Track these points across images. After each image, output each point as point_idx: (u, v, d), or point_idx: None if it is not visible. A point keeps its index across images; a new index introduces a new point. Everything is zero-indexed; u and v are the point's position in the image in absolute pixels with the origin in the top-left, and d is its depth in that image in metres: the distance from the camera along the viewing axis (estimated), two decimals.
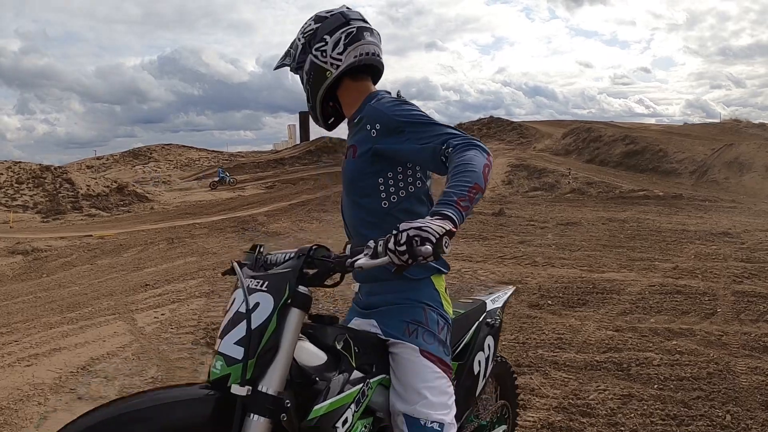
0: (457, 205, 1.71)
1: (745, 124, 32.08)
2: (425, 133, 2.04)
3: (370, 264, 1.66)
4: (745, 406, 4.15)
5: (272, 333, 1.73)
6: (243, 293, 1.77)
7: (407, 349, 2.12)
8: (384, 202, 2.22)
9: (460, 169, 1.82)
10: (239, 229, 14.71)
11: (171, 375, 5.01)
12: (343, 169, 2.31)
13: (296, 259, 1.90)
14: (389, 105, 2.18)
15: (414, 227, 1.57)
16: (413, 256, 1.55)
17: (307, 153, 46.32)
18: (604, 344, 5.42)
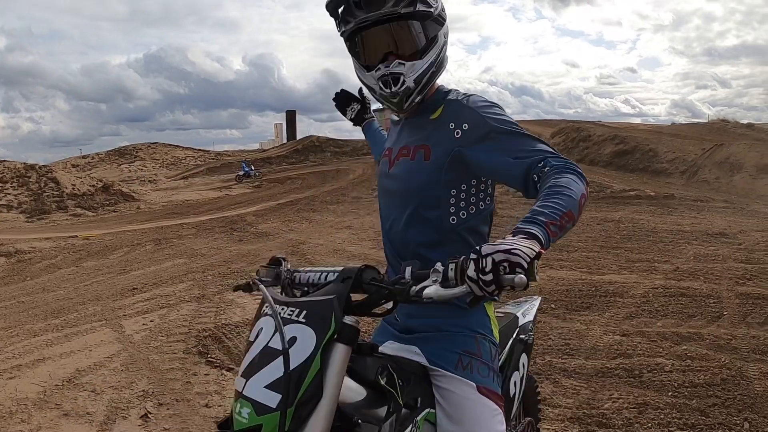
0: (546, 227, 1.45)
1: (734, 124, 32.23)
2: (520, 146, 1.77)
3: (443, 295, 1.39)
4: (761, 413, 4.05)
5: (315, 375, 1.44)
6: (276, 325, 1.49)
7: (462, 386, 1.87)
8: (452, 218, 1.93)
9: (556, 191, 1.56)
10: (228, 229, 14.46)
11: (162, 388, 4.78)
12: (390, 172, 2.03)
13: (340, 282, 1.60)
14: (482, 104, 1.89)
15: (500, 250, 1.31)
16: (500, 286, 1.29)
17: (294, 152, 46.14)
18: (614, 350, 5.26)
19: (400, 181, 1.97)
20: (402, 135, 2.05)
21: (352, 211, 17.24)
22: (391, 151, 2.07)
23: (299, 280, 1.83)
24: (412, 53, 1.85)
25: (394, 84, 1.84)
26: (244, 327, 6.24)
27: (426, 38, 1.86)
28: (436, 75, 1.92)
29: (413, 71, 1.84)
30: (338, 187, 25.45)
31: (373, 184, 24.90)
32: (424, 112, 1.98)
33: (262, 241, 12.44)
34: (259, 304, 1.67)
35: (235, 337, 5.94)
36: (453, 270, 1.38)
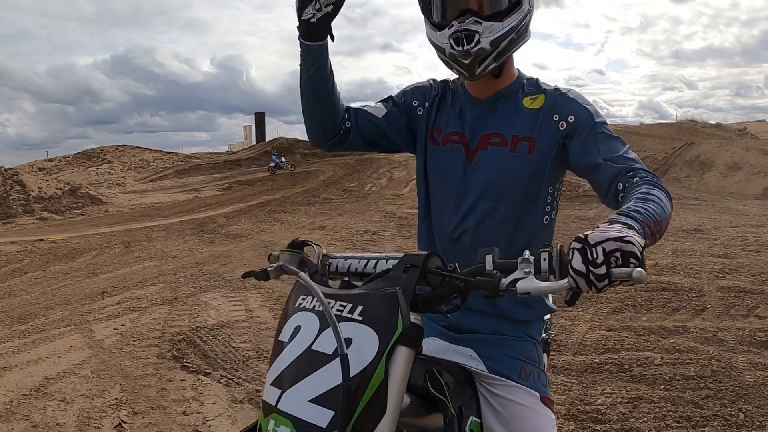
0: (643, 225, 1.28)
1: (702, 124, 32.84)
2: (615, 150, 1.66)
3: (541, 289, 1.18)
4: (754, 404, 4.05)
5: (378, 386, 1.19)
6: (332, 323, 1.20)
7: (526, 396, 1.72)
8: (546, 218, 1.82)
9: (649, 199, 1.41)
10: (198, 231, 14.18)
11: (136, 395, 4.56)
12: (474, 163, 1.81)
13: (401, 271, 1.33)
14: (586, 100, 1.77)
15: (612, 238, 1.12)
16: (611, 281, 1.10)
17: (263, 154, 45.71)
18: (601, 345, 5.19)
19: (496, 175, 1.77)
20: (480, 120, 1.83)
21: (323, 212, 17.06)
22: (465, 138, 1.83)
23: (336, 268, 1.60)
24: (492, 14, 1.66)
25: (468, 42, 1.64)
26: (219, 330, 6.04)
27: (509, 1, 1.67)
28: (516, 44, 1.72)
29: (490, 32, 1.64)
30: (309, 188, 25.22)
31: (344, 185, 24.79)
32: (510, 98, 1.81)
33: (233, 242, 12.19)
34: (290, 296, 1.42)
35: (211, 340, 5.74)
36: (547, 260, 1.20)
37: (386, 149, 2.05)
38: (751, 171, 19.95)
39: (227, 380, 4.78)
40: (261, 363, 5.12)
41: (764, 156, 20.72)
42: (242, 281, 8.22)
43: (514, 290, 1.20)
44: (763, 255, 8.78)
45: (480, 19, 1.64)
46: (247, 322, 6.34)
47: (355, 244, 11.20)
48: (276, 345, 1.34)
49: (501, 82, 1.81)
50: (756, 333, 5.38)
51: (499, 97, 1.82)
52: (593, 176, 1.68)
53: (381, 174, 26.84)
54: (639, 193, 1.45)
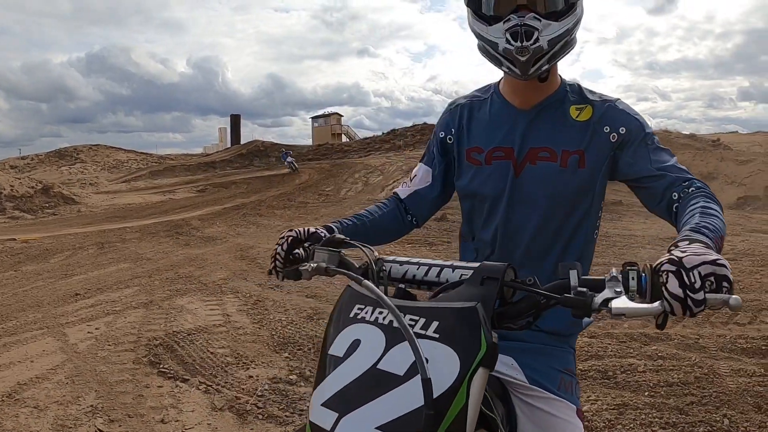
0: (715, 242, 1.26)
1: (676, 134, 33.21)
2: (666, 159, 1.65)
3: (635, 311, 1.09)
4: (738, 409, 4.09)
5: (458, 412, 1.08)
6: (411, 342, 1.08)
7: (565, 409, 1.67)
8: (596, 232, 1.79)
9: (712, 213, 1.39)
10: (173, 233, 14.04)
11: (112, 402, 4.44)
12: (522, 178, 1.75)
13: (478, 284, 1.22)
14: (634, 111, 1.73)
15: (706, 261, 1.06)
16: (707, 307, 1.04)
17: (238, 156, 45.67)
18: (584, 351, 5.17)
19: (546, 190, 1.72)
20: (527, 132, 1.76)
21: (299, 216, 16.98)
22: (512, 152, 1.76)
23: (389, 273, 1.47)
24: (549, 12, 1.59)
25: (527, 38, 1.56)
26: (197, 334, 5.94)
27: (566, 1, 1.61)
28: (568, 47, 1.66)
29: (549, 31, 1.58)
30: (284, 192, 25.15)
31: (320, 189, 24.72)
32: (556, 108, 1.76)
33: (209, 245, 12.07)
34: (340, 303, 1.31)
35: (188, 345, 5.63)
36: (635, 279, 1.13)
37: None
38: (725, 181, 20.24)
39: (206, 387, 4.68)
40: (240, 369, 5.03)
41: (738, 166, 21.03)
42: (218, 285, 8.14)
43: (608, 309, 1.13)
44: (739, 263, 8.88)
45: (539, 15, 1.58)
46: (225, 326, 6.25)
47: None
48: (326, 359, 1.23)
49: (545, 89, 1.76)
50: (736, 340, 5.43)
51: (543, 106, 1.76)
52: (645, 185, 1.66)
53: (357, 179, 26.85)
54: (701, 206, 1.43)
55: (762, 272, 8.28)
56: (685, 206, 1.47)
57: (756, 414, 4.02)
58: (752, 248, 10.14)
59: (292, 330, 6.04)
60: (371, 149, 42.06)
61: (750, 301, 6.69)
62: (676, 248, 1.14)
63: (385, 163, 30.53)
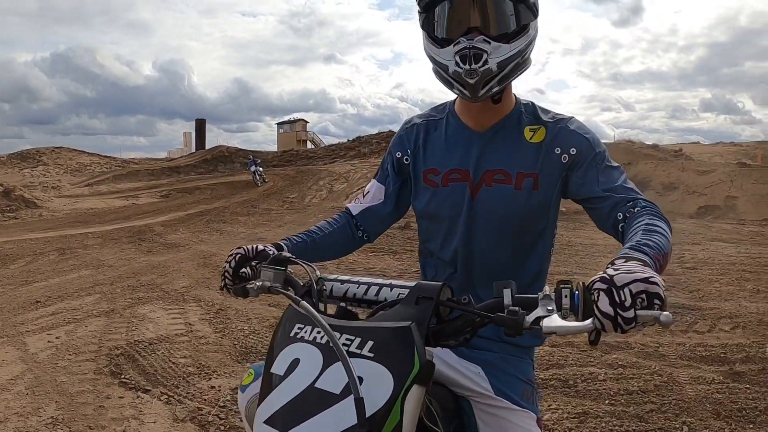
0: (655, 259, 1.27)
1: (639, 144, 33.78)
2: (614, 179, 1.67)
3: (567, 329, 1.11)
4: (697, 416, 4.16)
5: (392, 429, 1.11)
6: (344, 362, 1.12)
7: (526, 418, 1.70)
8: (551, 249, 1.82)
9: (655, 231, 1.41)
10: (135, 239, 13.87)
11: (73, 413, 4.35)
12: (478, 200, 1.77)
13: (413, 302, 1.25)
14: (586, 130, 1.76)
15: (637, 279, 1.08)
16: (638, 324, 1.06)
17: (203, 161, 45.24)
18: (545, 361, 5.22)
19: (502, 212, 1.75)
20: (482, 154, 1.78)
21: (263, 224, 16.91)
22: (468, 174, 1.78)
23: (331, 292, 1.49)
24: (500, 35, 1.61)
25: (476, 61, 1.57)
26: (158, 344, 5.87)
27: (517, 23, 1.62)
28: (520, 69, 1.67)
29: (498, 53, 1.59)
30: (248, 198, 25.01)
31: (284, 196, 24.61)
32: (510, 129, 1.78)
33: (171, 252, 11.95)
34: (282, 322, 1.33)
35: (150, 355, 5.56)
36: (568, 297, 1.15)
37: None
38: (687, 191, 20.63)
39: (168, 397, 4.63)
40: (202, 379, 4.98)
41: (699, 176, 21.44)
42: (181, 293, 8.06)
43: (538, 328, 1.15)
44: (699, 272, 9.06)
45: (488, 38, 1.59)
46: (187, 336, 6.18)
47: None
48: (268, 377, 1.25)
49: (500, 111, 1.77)
50: (695, 348, 5.54)
51: (498, 128, 1.78)
52: (592, 206, 1.70)
53: (321, 186, 26.80)
54: (644, 224, 1.45)
55: (721, 281, 8.47)
56: (630, 225, 1.50)
57: (715, 420, 4.10)
58: (712, 257, 10.36)
59: (255, 339, 6.00)
60: (336, 156, 42.01)
61: (709, 310, 6.85)
62: (611, 266, 1.16)
63: (350, 170, 30.50)
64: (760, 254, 10.71)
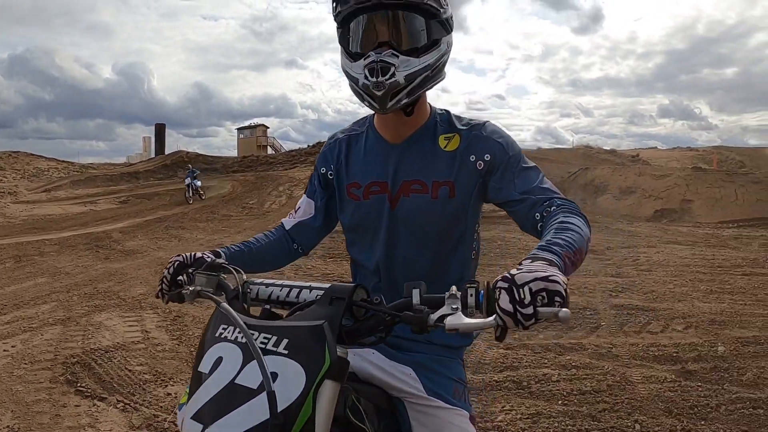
0: (563, 258, 1.32)
1: (597, 150, 34.40)
2: (530, 182, 1.72)
3: (469, 325, 1.18)
4: (649, 414, 4.26)
5: (305, 423, 1.17)
6: (257, 358, 1.19)
7: (458, 417, 1.75)
8: (473, 253, 1.86)
9: (568, 227, 1.47)
10: (93, 246, 13.67)
11: (29, 422, 4.31)
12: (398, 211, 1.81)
13: (327, 303, 1.33)
14: (500, 134, 1.80)
15: (537, 278, 1.14)
16: (539, 320, 1.12)
17: (162, 167, 44.72)
18: (500, 363, 5.30)
19: (420, 220, 1.80)
20: (399, 166, 1.83)
21: (222, 230, 16.81)
22: (386, 186, 1.84)
23: (257, 294, 1.55)
24: (409, 49, 1.66)
25: (383, 74, 1.62)
26: (115, 352, 5.81)
27: (428, 38, 1.68)
28: (430, 81, 1.72)
29: (406, 66, 1.64)
30: (208, 204, 24.81)
31: (244, 202, 24.46)
32: (425, 140, 1.82)
33: (129, 259, 11.82)
34: (209, 324, 1.39)
35: (106, 363, 5.51)
36: (474, 296, 1.21)
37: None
38: (643, 195, 21.01)
39: (124, 405, 4.59)
40: (158, 387, 4.96)
41: (656, 181, 21.84)
42: (138, 300, 7.99)
43: (442, 326, 1.20)
44: (654, 274, 9.26)
45: (397, 52, 1.64)
46: (144, 343, 6.13)
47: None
48: (195, 376, 1.30)
49: (414, 122, 1.82)
50: (648, 348, 5.67)
51: (414, 139, 1.83)
52: (511, 209, 1.75)
53: (281, 191, 26.69)
54: (557, 223, 1.50)
55: (675, 282, 8.67)
56: (546, 225, 1.55)
57: (667, 418, 4.20)
58: (667, 259, 10.59)
59: None
60: (296, 161, 41.85)
61: (663, 311, 7.02)
62: (517, 266, 1.22)
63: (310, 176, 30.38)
64: (714, 256, 10.98)
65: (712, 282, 8.66)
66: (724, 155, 43.87)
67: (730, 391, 4.66)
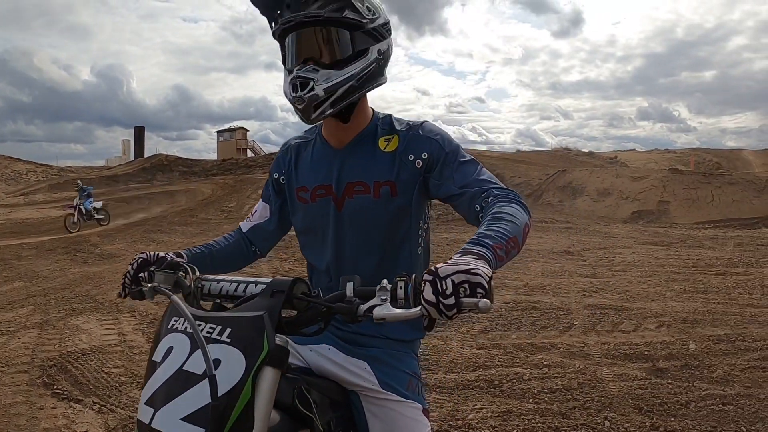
0: (493, 250, 1.38)
1: (575, 152, 34.68)
2: (468, 175, 1.77)
3: (396, 315, 1.26)
4: (619, 411, 4.33)
5: (245, 405, 1.25)
6: (198, 344, 1.27)
7: (412, 409, 1.83)
8: (419, 249, 1.91)
9: (501, 217, 1.53)
10: (71, 250, 13.59)
11: (6, 425, 4.32)
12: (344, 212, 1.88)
13: (268, 296, 1.41)
14: (437, 132, 1.87)
15: (460, 271, 1.21)
16: (461, 310, 1.19)
17: (141, 170, 44.34)
18: (472, 363, 5.38)
19: (364, 221, 1.86)
20: (342, 169, 1.90)
21: (200, 233, 16.72)
22: (331, 189, 1.91)
23: (209, 290, 1.64)
24: (332, 62, 1.73)
25: (302, 89, 1.70)
26: (91, 354, 5.83)
27: (352, 49, 1.75)
28: (357, 91, 1.77)
29: (327, 80, 1.71)
30: (187, 207, 24.69)
31: (223, 205, 24.37)
32: (366, 143, 1.89)
33: (107, 262, 11.79)
34: (163, 318, 1.46)
35: (83, 365, 5.52)
36: (403, 288, 1.29)
37: None
38: (620, 196, 21.20)
39: (100, 407, 4.62)
40: (134, 389, 4.97)
41: (633, 182, 22.03)
42: (115, 303, 7.98)
43: (370, 316, 1.29)
44: (628, 274, 9.39)
45: (318, 66, 1.72)
46: (120, 346, 6.15)
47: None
48: (149, 365, 1.38)
49: (354, 127, 1.89)
50: (620, 347, 5.76)
51: (355, 143, 1.89)
52: (454, 203, 1.81)
53: (260, 195, 26.59)
54: (491, 214, 1.56)
55: (649, 282, 8.80)
56: (485, 216, 1.60)
57: (636, 415, 4.28)
58: (642, 260, 10.72)
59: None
60: None
61: (636, 310, 7.14)
62: (446, 260, 1.29)
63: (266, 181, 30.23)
64: (689, 256, 11.14)
65: (686, 282, 8.80)
66: (701, 157, 44.38)
67: (700, 388, 4.75)
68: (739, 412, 4.32)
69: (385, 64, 1.86)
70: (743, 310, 7.08)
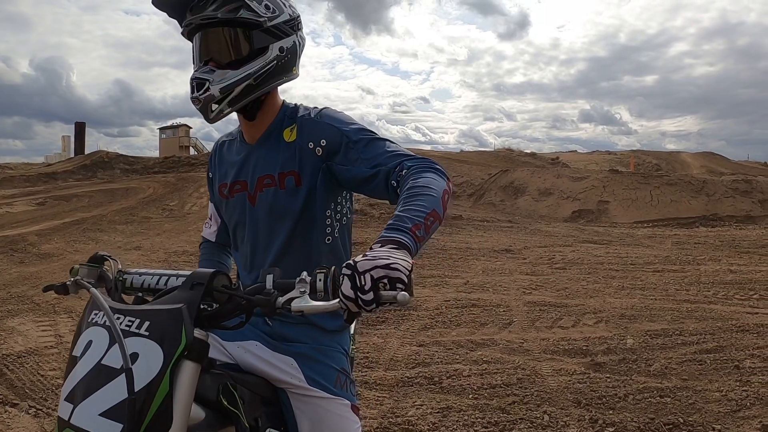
0: (412, 233, 1.39)
1: (518, 153, 35.17)
2: (376, 153, 1.74)
3: (314, 308, 1.28)
4: (558, 406, 4.41)
5: (163, 399, 1.24)
6: (115, 338, 1.26)
7: (340, 406, 1.83)
8: (328, 238, 1.90)
9: (416, 192, 1.52)
10: (7, 249, 13.14)
11: None
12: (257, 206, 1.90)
13: (188, 288, 1.39)
14: (334, 116, 1.85)
15: (379, 266, 1.22)
16: (381, 304, 1.20)
17: (81, 167, 43.23)
18: (412, 360, 5.41)
19: (273, 213, 1.87)
20: (254, 164, 1.91)
21: (141, 232, 16.45)
22: (246, 184, 1.93)
23: (131, 283, 1.63)
24: (230, 62, 1.75)
25: (198, 89, 1.74)
26: (27, 357, 5.66)
27: (250, 48, 1.76)
28: (255, 90, 1.78)
29: (223, 80, 1.73)
30: (127, 206, 24.08)
31: (164, 203, 23.94)
32: (273, 136, 1.89)
33: (45, 262, 11.48)
34: (84, 311, 1.44)
35: (18, 368, 5.36)
36: (322, 281, 1.30)
37: None
38: (561, 196, 21.53)
39: (36, 411, 4.50)
40: None
41: (574, 183, 22.40)
42: (52, 304, 7.77)
43: (289, 308, 1.30)
44: (568, 271, 9.57)
45: (216, 67, 1.74)
46: (57, 348, 5.99)
47: (172, 265, 10.76)
48: (70, 360, 1.36)
49: (263, 123, 1.90)
50: (559, 342, 5.87)
51: (264, 137, 1.91)
52: (369, 186, 1.78)
53: (202, 193, 26.18)
54: (407, 189, 1.56)
55: (588, 279, 8.98)
56: (401, 192, 1.60)
57: (575, 409, 4.36)
58: (582, 258, 10.91)
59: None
60: None
61: (574, 306, 7.28)
62: (365, 251, 1.30)
63: None
64: (627, 254, 11.38)
65: (624, 279, 9.00)
66: (641, 159, 45.50)
67: (638, 381, 4.87)
68: (676, 404, 4.43)
69: (293, 59, 1.86)
70: (680, 305, 7.27)
